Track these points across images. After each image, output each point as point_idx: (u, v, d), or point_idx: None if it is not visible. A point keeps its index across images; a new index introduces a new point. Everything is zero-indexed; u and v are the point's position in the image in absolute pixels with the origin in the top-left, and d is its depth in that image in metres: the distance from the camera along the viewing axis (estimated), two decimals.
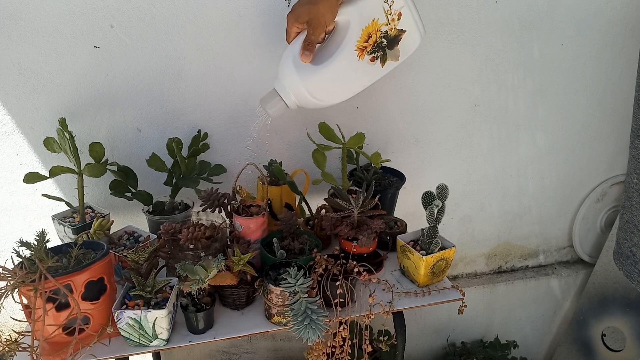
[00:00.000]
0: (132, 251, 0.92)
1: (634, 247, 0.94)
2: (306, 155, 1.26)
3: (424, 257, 1.01)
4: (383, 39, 0.94)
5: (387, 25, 0.93)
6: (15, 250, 0.83)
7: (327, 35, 0.95)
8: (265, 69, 1.17)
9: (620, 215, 1.02)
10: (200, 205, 1.05)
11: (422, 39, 0.97)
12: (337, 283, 0.94)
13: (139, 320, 0.85)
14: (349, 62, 0.93)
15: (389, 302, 1.01)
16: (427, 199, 1.04)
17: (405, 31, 0.95)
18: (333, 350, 1.00)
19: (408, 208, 1.36)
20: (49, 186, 1.16)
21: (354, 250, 1.04)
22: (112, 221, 1.08)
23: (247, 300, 1.00)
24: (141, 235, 1.08)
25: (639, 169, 0.90)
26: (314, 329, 0.88)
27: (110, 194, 1.11)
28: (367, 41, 0.93)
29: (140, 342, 0.88)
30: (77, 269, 0.83)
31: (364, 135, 1.17)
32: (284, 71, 0.95)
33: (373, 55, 0.95)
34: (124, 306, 0.87)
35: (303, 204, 1.19)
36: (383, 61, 0.97)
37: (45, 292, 0.79)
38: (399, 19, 0.93)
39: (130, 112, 1.15)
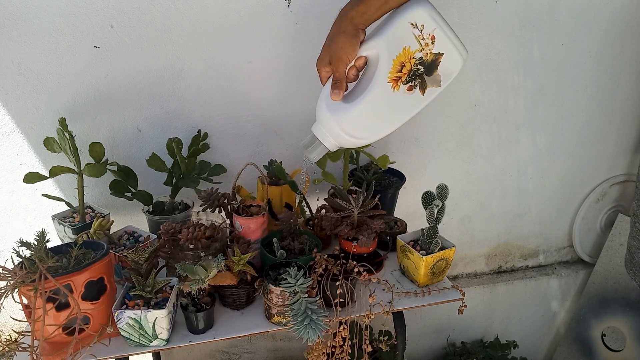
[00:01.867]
0: (132, 251, 0.92)
1: None
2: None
3: (424, 257, 1.01)
4: (419, 66, 0.89)
5: (421, 51, 0.88)
6: (15, 250, 0.83)
7: (360, 73, 0.91)
8: (265, 69, 1.17)
9: (632, 224, 0.99)
10: (200, 205, 1.05)
11: (464, 59, 0.91)
12: (337, 283, 0.94)
13: (139, 320, 0.85)
14: (383, 95, 0.89)
15: (389, 302, 1.01)
16: (427, 199, 1.04)
17: (442, 54, 0.89)
18: (333, 350, 1.00)
19: (408, 208, 1.36)
20: (49, 186, 1.16)
21: (354, 250, 1.04)
22: (112, 221, 1.08)
23: (247, 300, 1.00)
24: (141, 235, 1.08)
25: None
26: (314, 329, 0.88)
27: (110, 194, 1.11)
28: (400, 71, 0.88)
29: (140, 342, 0.88)
30: (77, 269, 0.83)
31: None
32: (319, 114, 0.92)
33: (410, 84, 0.90)
34: (124, 306, 0.87)
35: (303, 204, 1.19)
36: (423, 89, 0.92)
37: (45, 292, 0.79)
38: (433, 42, 0.88)
39: (130, 112, 1.15)
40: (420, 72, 0.90)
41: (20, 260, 0.83)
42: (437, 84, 0.92)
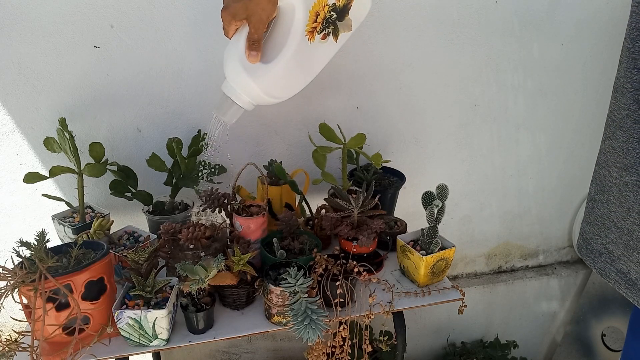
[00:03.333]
0: (132, 251, 0.92)
1: (609, 244, 0.91)
2: (306, 155, 1.26)
3: (424, 257, 1.01)
4: (332, 12, 0.85)
5: None
6: (15, 250, 0.83)
7: (270, 24, 0.86)
8: None
9: (589, 210, 0.96)
10: (200, 205, 1.05)
11: (371, 1, 0.90)
12: (337, 283, 0.94)
13: (139, 320, 0.85)
14: (301, 49, 0.85)
15: (389, 302, 1.01)
16: (427, 199, 1.04)
17: None
18: (333, 350, 1.00)
19: (408, 208, 1.36)
20: (49, 186, 1.16)
21: (354, 250, 1.04)
22: (112, 221, 1.08)
23: (247, 300, 1.00)
24: (141, 235, 1.08)
25: (619, 162, 0.85)
26: (314, 329, 0.88)
27: (110, 194, 1.11)
28: (315, 21, 0.84)
29: (140, 342, 0.88)
30: (77, 269, 0.83)
31: (364, 135, 1.17)
32: (231, 73, 0.86)
33: (324, 32, 0.86)
34: (124, 306, 0.87)
35: (303, 203, 1.19)
36: (335, 35, 0.88)
37: (45, 292, 0.79)
38: None
39: (130, 112, 1.15)
40: (333, 19, 0.86)
41: (20, 260, 0.83)
42: (348, 28, 0.89)
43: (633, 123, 0.82)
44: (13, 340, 0.80)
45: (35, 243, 0.84)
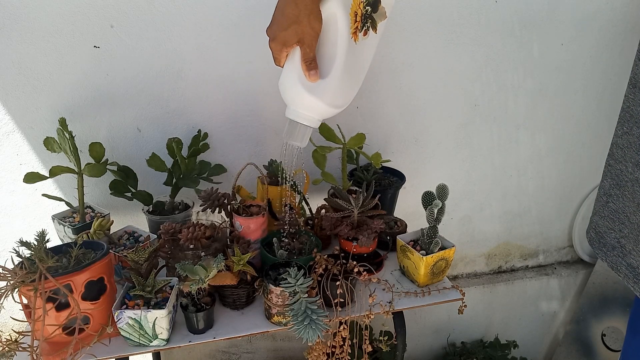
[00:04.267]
0: (132, 251, 0.92)
1: (622, 238, 0.91)
2: (306, 155, 1.26)
3: (424, 257, 1.01)
4: (367, 7, 0.86)
5: None
6: (15, 250, 0.83)
7: None
8: (266, 69, 1.17)
9: (603, 204, 0.96)
10: (200, 205, 1.05)
11: None
12: (337, 283, 0.94)
13: (139, 320, 0.85)
14: (350, 52, 0.86)
15: (389, 302, 1.01)
16: (427, 199, 1.04)
17: None
18: (333, 350, 1.00)
19: (408, 208, 1.36)
20: (49, 186, 1.16)
21: (354, 250, 1.03)
22: (112, 221, 1.08)
23: (247, 300, 1.00)
24: (141, 235, 1.08)
25: (634, 158, 0.86)
26: (314, 329, 0.88)
27: (110, 194, 1.11)
28: (356, 21, 0.85)
29: (140, 342, 0.88)
30: (77, 269, 0.83)
31: (364, 135, 1.17)
32: (295, 98, 0.87)
33: (365, 28, 0.87)
34: (124, 306, 0.87)
35: (303, 203, 1.19)
36: (374, 27, 0.89)
37: (45, 292, 0.79)
38: None
39: (130, 112, 1.15)
40: (369, 13, 0.87)
41: (20, 260, 0.83)
42: (383, 17, 0.90)
43: None
44: (13, 340, 0.80)
45: (35, 243, 0.84)
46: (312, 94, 0.85)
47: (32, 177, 1.03)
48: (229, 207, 1.05)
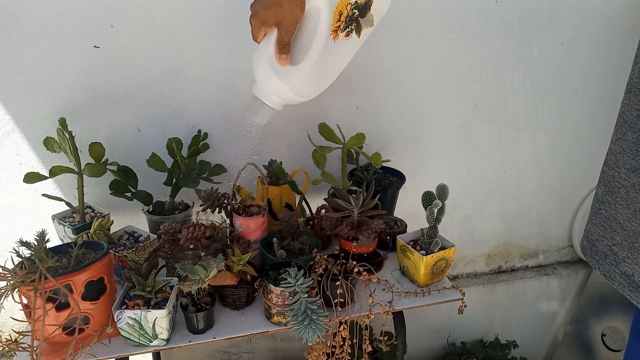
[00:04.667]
0: (132, 251, 0.92)
1: (614, 245, 0.91)
2: (306, 155, 1.26)
3: (424, 257, 1.01)
4: (354, 10, 0.88)
5: None
6: (15, 250, 0.83)
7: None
8: None
9: (595, 211, 0.96)
10: (200, 205, 1.05)
11: None
12: (337, 283, 0.94)
13: (139, 320, 0.85)
14: (327, 49, 0.88)
15: (389, 302, 1.01)
16: (427, 199, 1.04)
17: None
18: (333, 350, 1.00)
19: (408, 208, 1.36)
20: (49, 186, 1.16)
21: (354, 250, 1.04)
22: (112, 221, 1.08)
23: (247, 300, 1.00)
24: (141, 235, 1.08)
25: (628, 163, 0.85)
26: (314, 329, 0.88)
27: (110, 194, 1.11)
28: (339, 20, 0.88)
29: (140, 342, 0.88)
30: (77, 269, 0.83)
31: (364, 135, 1.17)
32: (262, 77, 0.89)
33: (347, 30, 0.90)
34: (124, 306, 0.87)
35: (303, 203, 1.19)
36: (358, 31, 0.91)
37: (45, 292, 0.79)
38: None
39: (130, 112, 1.15)
40: (355, 16, 0.89)
41: (20, 260, 0.83)
42: (370, 24, 0.91)
43: None
44: (13, 340, 0.80)
45: (35, 243, 0.84)
46: (279, 77, 0.87)
47: (32, 177, 1.03)
48: (229, 207, 1.05)
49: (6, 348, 0.80)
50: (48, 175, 1.03)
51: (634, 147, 0.84)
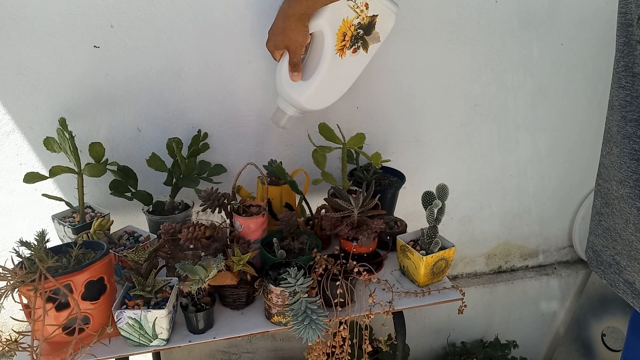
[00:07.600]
0: (132, 251, 0.92)
1: (617, 255, 0.93)
2: (306, 155, 1.26)
3: (424, 257, 1.01)
4: (359, 30, 1.01)
5: (357, 17, 1.00)
6: (15, 250, 0.83)
7: (308, 46, 1.04)
8: (266, 69, 1.17)
9: (596, 223, 0.99)
10: (200, 205, 1.05)
11: (396, 13, 1.04)
12: (337, 283, 0.94)
13: (139, 320, 0.85)
14: (333, 65, 1.02)
15: (389, 302, 1.01)
16: (427, 199, 1.04)
17: (377, 15, 1.02)
18: (333, 350, 1.00)
19: (408, 208, 1.36)
20: (49, 186, 1.16)
21: (354, 250, 1.04)
22: (112, 221, 1.08)
23: (247, 300, 1.00)
24: (141, 235, 1.08)
25: (616, 176, 0.88)
26: (314, 329, 0.88)
27: (110, 194, 1.11)
28: (344, 40, 1.01)
29: (140, 342, 0.88)
30: (77, 269, 0.83)
31: (364, 135, 1.17)
32: (281, 92, 1.07)
33: (354, 47, 1.03)
34: (124, 306, 0.87)
35: (303, 203, 1.19)
36: (365, 47, 1.04)
37: (45, 292, 0.79)
38: (367, 8, 1.00)
39: (130, 112, 1.15)
40: (360, 35, 1.03)
41: (20, 260, 0.83)
42: (376, 40, 1.05)
43: (622, 138, 0.85)
44: (13, 340, 0.80)
45: (35, 243, 0.84)
46: (293, 91, 1.04)
47: (32, 177, 1.03)
48: (229, 207, 1.05)
49: (6, 348, 0.80)
50: (48, 175, 1.03)
51: (618, 160, 0.87)
